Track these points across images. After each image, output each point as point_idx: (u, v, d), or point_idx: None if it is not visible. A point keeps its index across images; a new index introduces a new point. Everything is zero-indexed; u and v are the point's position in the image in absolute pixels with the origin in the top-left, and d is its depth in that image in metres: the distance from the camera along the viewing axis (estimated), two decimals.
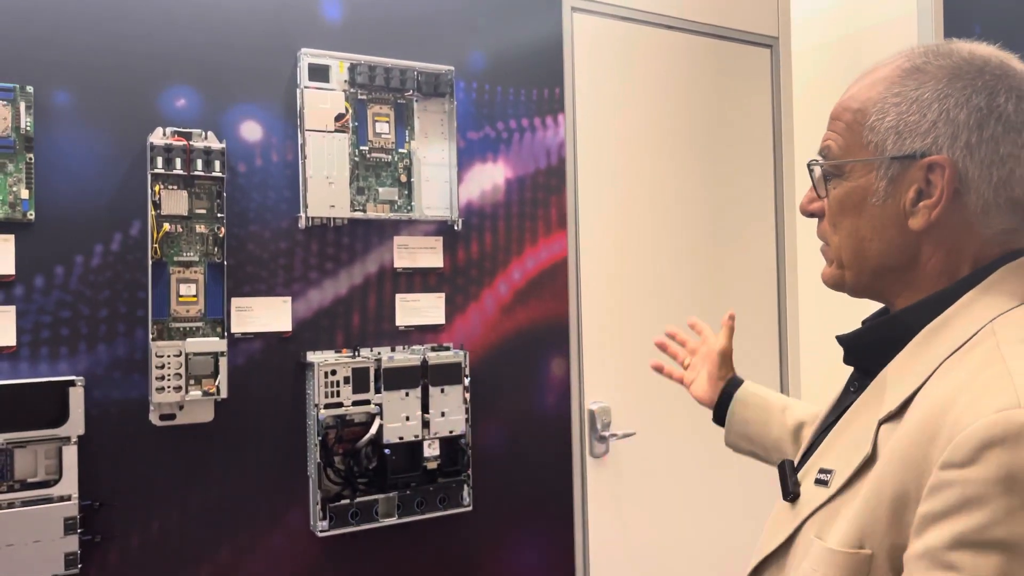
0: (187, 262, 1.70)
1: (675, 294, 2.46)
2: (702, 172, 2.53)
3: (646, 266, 2.41)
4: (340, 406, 1.80)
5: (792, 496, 0.82)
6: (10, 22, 1.61)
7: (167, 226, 1.68)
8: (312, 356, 1.83)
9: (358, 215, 1.90)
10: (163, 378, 1.65)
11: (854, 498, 0.73)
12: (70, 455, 1.58)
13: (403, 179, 1.97)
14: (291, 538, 1.83)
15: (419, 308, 2.00)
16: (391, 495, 1.87)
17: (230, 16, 1.81)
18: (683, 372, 1.36)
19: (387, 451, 1.85)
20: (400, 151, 1.97)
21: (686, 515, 2.44)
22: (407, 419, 1.87)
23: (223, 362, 1.70)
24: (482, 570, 2.06)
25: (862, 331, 0.85)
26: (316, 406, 1.78)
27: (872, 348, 0.82)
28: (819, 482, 0.79)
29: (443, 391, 1.92)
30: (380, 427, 1.84)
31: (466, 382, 1.96)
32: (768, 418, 1.22)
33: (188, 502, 1.73)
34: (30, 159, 1.60)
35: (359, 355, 1.86)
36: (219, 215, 1.73)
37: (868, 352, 0.84)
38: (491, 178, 2.11)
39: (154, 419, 1.69)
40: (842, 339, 0.87)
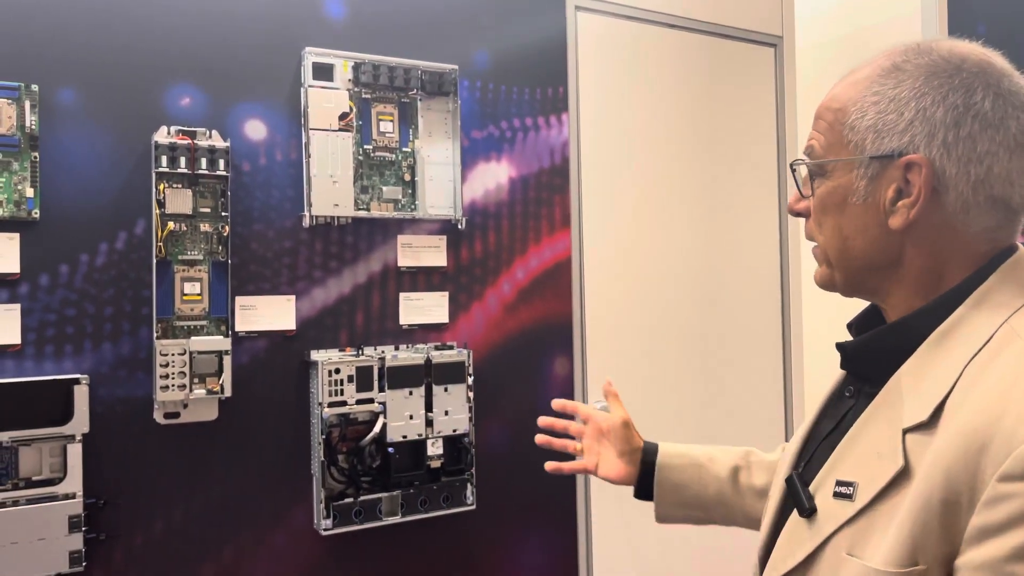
0: (191, 261, 1.70)
1: (678, 293, 2.46)
2: (706, 171, 2.52)
3: (650, 265, 2.41)
4: (344, 405, 1.81)
5: (808, 512, 0.78)
6: (15, 21, 1.61)
7: (171, 225, 1.69)
8: (316, 355, 1.83)
9: (362, 214, 1.90)
10: (167, 376, 1.66)
11: (892, 512, 0.71)
12: (75, 453, 1.59)
13: (407, 178, 1.97)
14: (295, 536, 1.83)
15: (423, 307, 2.00)
16: (395, 494, 1.87)
17: (234, 15, 1.81)
18: (583, 461, 1.24)
19: (391, 450, 1.85)
20: (404, 150, 1.97)
21: None
22: (411, 418, 1.87)
23: (227, 361, 1.71)
24: (485, 569, 2.06)
25: (866, 338, 0.83)
26: (320, 405, 1.78)
27: (877, 355, 0.81)
28: (840, 495, 0.76)
29: (447, 390, 1.92)
30: (384, 426, 1.84)
31: (469, 381, 1.96)
32: (701, 475, 1.15)
33: (192, 500, 1.74)
34: (35, 158, 1.60)
35: (363, 354, 1.86)
36: (223, 214, 1.73)
37: (872, 359, 0.82)
38: (495, 177, 2.11)
39: (158, 417, 1.70)
40: (844, 347, 0.85)
